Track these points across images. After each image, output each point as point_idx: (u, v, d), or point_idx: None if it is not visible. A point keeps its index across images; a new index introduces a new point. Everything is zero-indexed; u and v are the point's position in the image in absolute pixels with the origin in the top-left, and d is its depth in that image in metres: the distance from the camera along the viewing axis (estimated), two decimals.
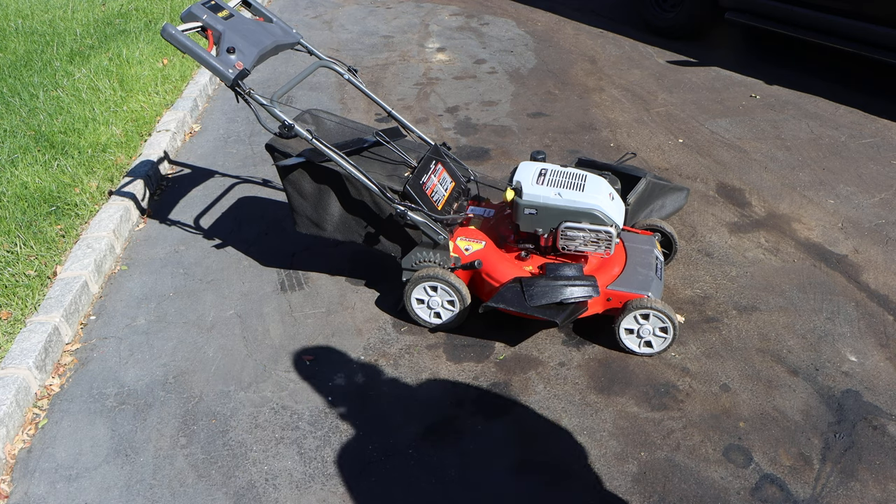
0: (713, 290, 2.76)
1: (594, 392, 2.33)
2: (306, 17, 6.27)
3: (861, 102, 4.26)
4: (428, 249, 2.49)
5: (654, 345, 2.42)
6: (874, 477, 2.02)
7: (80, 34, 5.31)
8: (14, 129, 3.83)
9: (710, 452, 2.11)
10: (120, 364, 2.51)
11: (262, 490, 2.04)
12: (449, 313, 2.54)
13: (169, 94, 4.45)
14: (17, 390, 2.26)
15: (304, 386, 2.39)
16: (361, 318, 2.68)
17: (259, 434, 2.22)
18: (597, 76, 4.72)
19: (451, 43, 5.35)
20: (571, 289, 2.32)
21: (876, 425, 2.17)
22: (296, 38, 2.73)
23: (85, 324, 2.72)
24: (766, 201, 3.33)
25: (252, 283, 2.90)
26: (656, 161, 3.71)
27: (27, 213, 3.15)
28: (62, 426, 2.27)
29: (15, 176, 3.39)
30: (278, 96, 2.42)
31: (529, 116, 4.20)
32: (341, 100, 4.55)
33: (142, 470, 2.11)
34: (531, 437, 2.18)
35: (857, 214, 3.21)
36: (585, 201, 2.35)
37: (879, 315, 2.61)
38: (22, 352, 2.39)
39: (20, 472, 2.12)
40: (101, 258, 2.93)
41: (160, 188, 3.64)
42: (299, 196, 2.59)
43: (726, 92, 4.48)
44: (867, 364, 2.40)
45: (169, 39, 2.29)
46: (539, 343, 2.53)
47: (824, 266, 2.88)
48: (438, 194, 2.60)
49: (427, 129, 4.08)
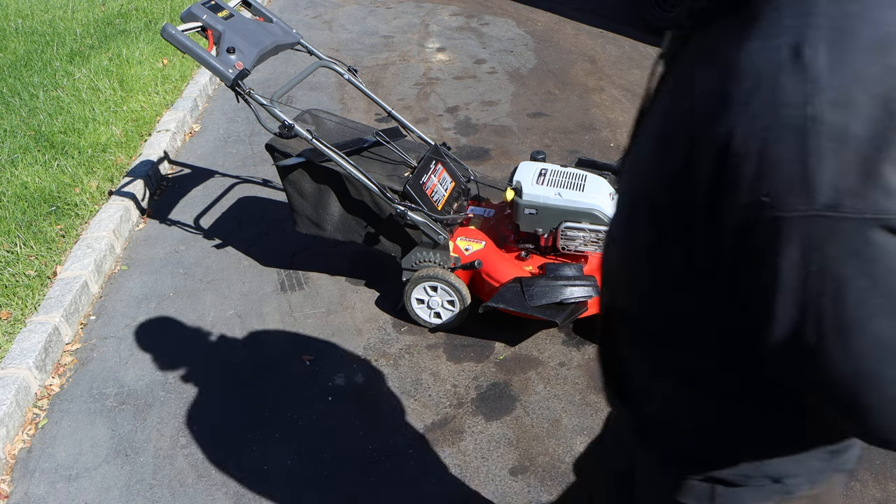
0: None
1: (594, 392, 2.33)
2: (306, 17, 6.27)
3: None
4: (428, 249, 2.49)
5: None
6: (874, 477, 2.02)
7: (80, 34, 5.31)
8: (14, 129, 3.83)
9: None
10: (120, 364, 2.51)
11: (263, 490, 2.04)
12: (449, 313, 2.54)
13: (169, 94, 4.45)
14: (17, 390, 2.26)
15: (304, 386, 2.39)
16: (361, 318, 2.68)
17: (259, 434, 2.22)
18: (597, 76, 4.72)
19: (451, 43, 5.35)
20: (571, 289, 2.32)
21: None
22: (296, 38, 2.73)
23: (85, 324, 2.72)
24: None
25: (252, 283, 2.90)
26: None
27: (27, 213, 3.15)
28: (62, 426, 2.27)
29: (15, 176, 3.39)
30: (278, 96, 2.42)
31: (529, 116, 4.20)
32: (341, 100, 4.55)
33: (142, 470, 2.11)
34: (531, 437, 2.18)
35: None
36: (585, 201, 2.35)
37: None
38: (22, 352, 2.39)
39: (20, 472, 2.12)
40: (101, 258, 2.93)
41: (160, 188, 3.64)
42: (299, 196, 2.59)
43: None
44: None
45: (169, 39, 2.29)
46: (539, 343, 2.53)
47: None
48: (438, 194, 2.60)
49: (427, 129, 4.08)
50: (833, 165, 0.52)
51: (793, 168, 0.54)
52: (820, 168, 0.53)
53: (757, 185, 0.56)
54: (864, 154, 0.52)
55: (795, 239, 0.55)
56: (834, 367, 0.59)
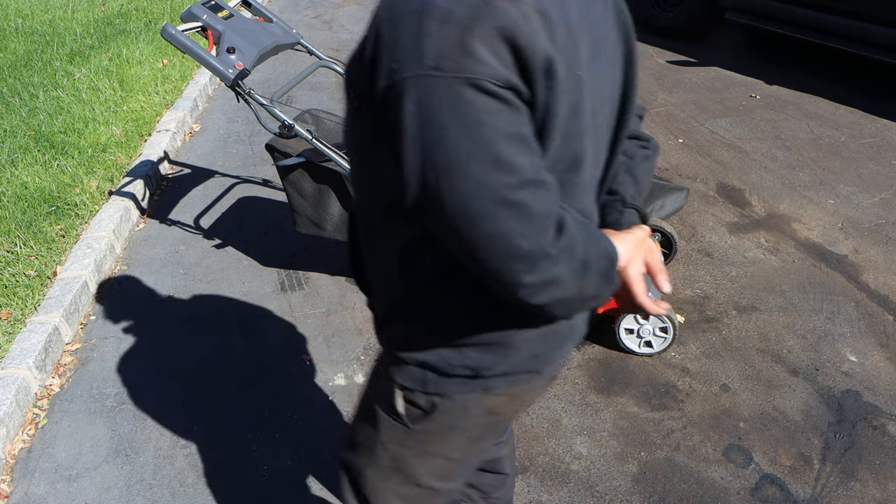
0: (713, 290, 2.76)
1: (594, 392, 2.33)
2: (306, 17, 6.27)
3: (861, 102, 4.26)
4: None
5: (654, 345, 2.42)
6: (874, 477, 2.02)
7: (80, 34, 5.31)
8: (14, 129, 3.83)
9: (710, 452, 2.11)
10: (120, 364, 2.51)
11: (263, 490, 2.04)
12: None
13: (169, 94, 4.45)
14: (17, 390, 2.26)
15: (305, 386, 2.39)
16: (361, 318, 2.68)
17: (259, 434, 2.22)
18: None
19: None
20: None
21: (876, 425, 2.17)
22: (296, 38, 2.73)
23: (85, 324, 2.72)
24: (766, 201, 3.33)
25: (252, 283, 2.90)
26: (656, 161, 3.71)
27: (27, 213, 3.15)
28: (62, 426, 2.27)
29: (15, 176, 3.39)
30: (278, 96, 2.42)
31: None
32: (341, 100, 4.55)
33: (142, 470, 2.11)
34: (531, 437, 2.18)
35: (857, 214, 3.21)
36: None
37: (879, 315, 2.61)
38: (22, 352, 2.39)
39: (20, 472, 2.12)
40: (101, 258, 2.93)
41: (160, 188, 3.64)
42: (299, 196, 2.59)
43: (726, 92, 4.48)
44: (867, 364, 2.40)
45: (169, 39, 2.29)
46: None
47: (824, 266, 2.88)
48: None
49: None
50: (438, 38, 0.69)
51: (411, 40, 0.70)
52: (429, 39, 0.69)
53: (391, 54, 0.72)
54: (460, 30, 0.69)
55: (412, 94, 0.70)
56: (447, 207, 0.73)
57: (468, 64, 0.68)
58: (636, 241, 0.95)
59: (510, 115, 0.70)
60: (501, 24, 0.68)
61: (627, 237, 0.93)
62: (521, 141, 0.71)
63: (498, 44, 0.68)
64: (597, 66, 0.81)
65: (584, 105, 0.79)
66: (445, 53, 0.68)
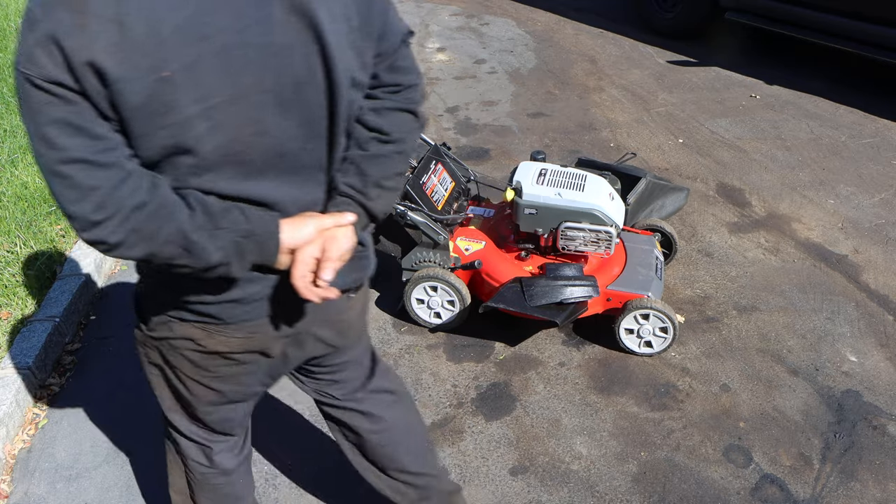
0: (713, 290, 2.76)
1: (594, 392, 2.33)
2: None
3: (861, 102, 4.26)
4: (428, 249, 2.49)
5: (654, 345, 2.42)
6: (874, 477, 2.02)
7: None
8: (14, 129, 3.83)
9: (710, 452, 2.11)
10: (120, 364, 2.51)
11: (263, 490, 2.04)
12: (449, 313, 2.54)
13: None
14: (17, 390, 2.26)
15: None
16: None
17: (259, 434, 2.21)
18: (597, 76, 4.72)
19: (451, 43, 5.35)
20: (571, 289, 2.32)
21: (876, 425, 2.18)
22: None
23: (85, 324, 2.72)
24: (766, 201, 3.33)
25: None
26: (656, 161, 3.71)
27: (27, 213, 3.15)
28: (62, 426, 2.27)
29: (15, 176, 3.40)
30: None
31: (529, 116, 4.20)
32: None
33: (142, 470, 2.11)
34: (531, 437, 2.18)
35: (857, 214, 3.21)
36: (585, 201, 2.35)
37: (879, 315, 2.61)
38: (22, 352, 2.39)
39: (20, 472, 2.12)
40: (101, 258, 2.93)
41: None
42: None
43: (726, 92, 4.48)
44: (867, 364, 2.40)
45: None
46: (539, 343, 2.53)
47: (824, 266, 2.88)
48: (438, 194, 2.60)
49: (427, 129, 4.08)
50: (22, 41, 0.86)
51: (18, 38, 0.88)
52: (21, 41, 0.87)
53: None
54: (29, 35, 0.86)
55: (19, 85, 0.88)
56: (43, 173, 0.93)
57: (27, 64, 0.86)
58: (316, 226, 1.08)
59: (61, 106, 0.88)
60: (52, 32, 0.85)
61: (306, 222, 1.08)
62: (68, 126, 0.89)
63: (50, 47, 0.85)
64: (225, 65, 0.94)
65: (179, 100, 0.91)
66: (22, 54, 0.87)
